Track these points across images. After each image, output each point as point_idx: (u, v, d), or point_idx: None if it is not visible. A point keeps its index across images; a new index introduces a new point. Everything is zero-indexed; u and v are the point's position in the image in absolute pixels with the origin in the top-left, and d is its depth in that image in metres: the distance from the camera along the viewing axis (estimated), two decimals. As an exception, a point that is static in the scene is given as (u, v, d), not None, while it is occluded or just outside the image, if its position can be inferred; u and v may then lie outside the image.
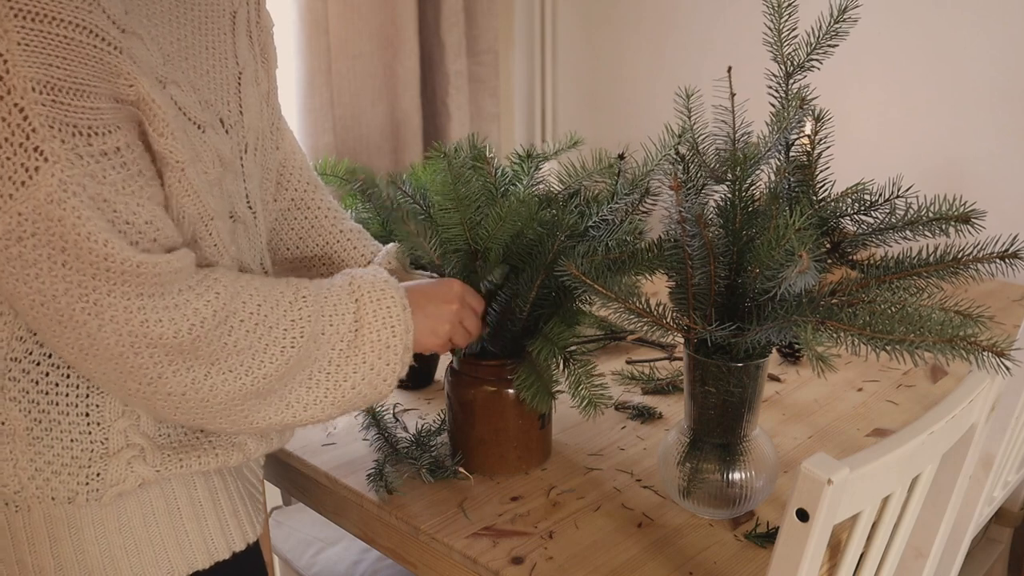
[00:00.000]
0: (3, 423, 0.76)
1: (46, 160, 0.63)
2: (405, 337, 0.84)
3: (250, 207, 0.85)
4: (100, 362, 0.70)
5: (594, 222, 0.98)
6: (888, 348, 0.74)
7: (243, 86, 0.83)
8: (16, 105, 0.62)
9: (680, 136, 0.94)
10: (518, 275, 0.96)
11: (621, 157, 1.02)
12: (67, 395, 0.76)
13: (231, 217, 0.82)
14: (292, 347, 0.77)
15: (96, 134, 0.65)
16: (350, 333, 0.81)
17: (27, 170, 0.63)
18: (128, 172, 0.68)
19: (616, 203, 0.99)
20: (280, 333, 0.77)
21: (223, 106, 0.79)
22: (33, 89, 0.62)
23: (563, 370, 0.95)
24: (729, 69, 0.89)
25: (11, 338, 0.74)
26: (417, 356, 0.89)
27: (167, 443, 0.81)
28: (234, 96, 0.81)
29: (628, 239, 0.93)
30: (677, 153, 0.92)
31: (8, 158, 0.63)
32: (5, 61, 0.61)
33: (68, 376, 0.76)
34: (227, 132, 0.79)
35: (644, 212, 0.99)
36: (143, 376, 0.71)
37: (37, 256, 0.65)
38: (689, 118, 0.93)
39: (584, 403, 0.92)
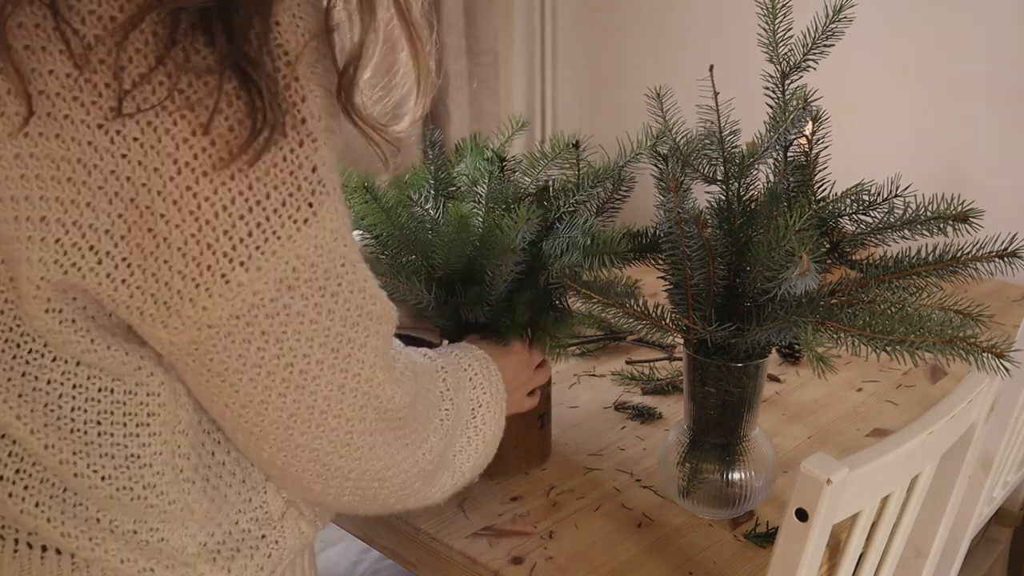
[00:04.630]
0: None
1: (327, 194, 0.54)
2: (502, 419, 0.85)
3: None
4: (312, 436, 0.61)
5: (559, 215, 0.96)
6: (888, 349, 0.74)
7: None
8: (310, 135, 0.53)
9: (657, 137, 0.93)
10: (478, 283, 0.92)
11: (576, 146, 0.99)
12: (232, 473, 0.69)
13: None
14: (448, 419, 0.75)
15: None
16: (474, 405, 0.82)
17: (311, 205, 0.53)
18: None
19: (580, 195, 0.96)
20: (435, 393, 0.75)
21: None
22: (322, 117, 0.54)
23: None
24: (711, 68, 0.89)
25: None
26: None
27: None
28: None
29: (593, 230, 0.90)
30: (658, 154, 0.92)
31: (291, 195, 0.53)
32: (302, 86, 0.53)
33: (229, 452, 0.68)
34: None
35: (618, 200, 0.98)
36: (353, 450, 0.63)
37: (303, 306, 0.56)
38: (664, 119, 0.92)
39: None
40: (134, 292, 0.53)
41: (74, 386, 0.59)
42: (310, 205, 0.53)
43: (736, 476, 0.93)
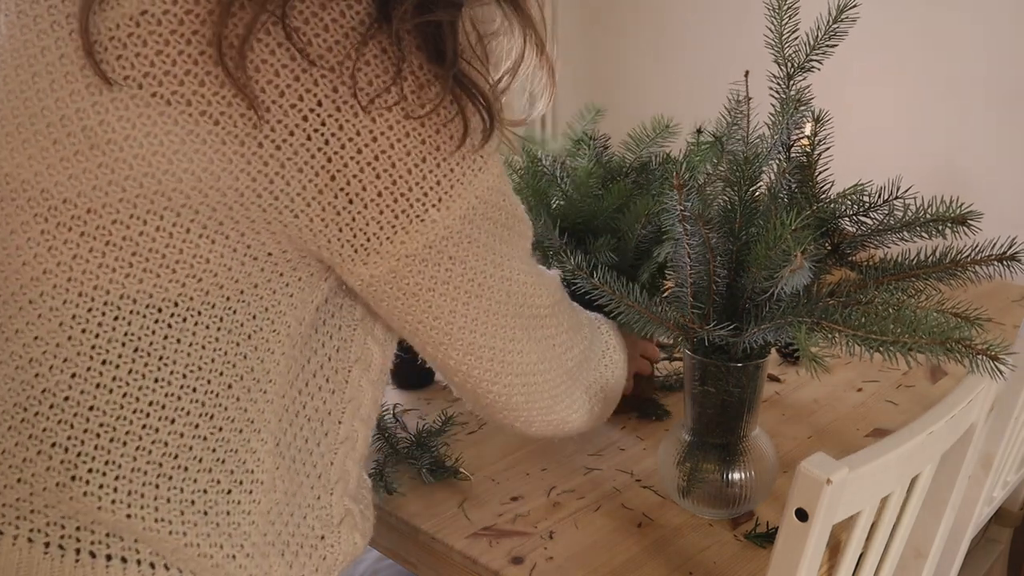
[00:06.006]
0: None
1: (492, 146, 0.68)
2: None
3: None
4: (490, 336, 0.75)
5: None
6: (881, 349, 0.74)
7: None
8: (495, 102, 0.66)
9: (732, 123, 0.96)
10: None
11: (699, 132, 1.07)
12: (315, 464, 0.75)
13: None
14: (585, 339, 0.87)
15: None
16: (606, 351, 0.95)
17: (482, 157, 0.67)
18: None
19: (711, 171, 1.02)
20: (578, 318, 0.87)
21: None
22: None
23: None
24: (747, 73, 0.89)
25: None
26: (415, 357, 0.89)
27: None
28: None
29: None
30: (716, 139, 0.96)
31: (468, 151, 0.65)
32: (473, 69, 0.64)
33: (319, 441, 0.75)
34: None
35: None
36: (519, 344, 0.77)
37: (478, 234, 0.69)
38: (748, 117, 0.93)
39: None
40: (331, 240, 0.63)
41: (215, 349, 0.65)
42: (482, 157, 0.66)
43: (736, 476, 0.93)
